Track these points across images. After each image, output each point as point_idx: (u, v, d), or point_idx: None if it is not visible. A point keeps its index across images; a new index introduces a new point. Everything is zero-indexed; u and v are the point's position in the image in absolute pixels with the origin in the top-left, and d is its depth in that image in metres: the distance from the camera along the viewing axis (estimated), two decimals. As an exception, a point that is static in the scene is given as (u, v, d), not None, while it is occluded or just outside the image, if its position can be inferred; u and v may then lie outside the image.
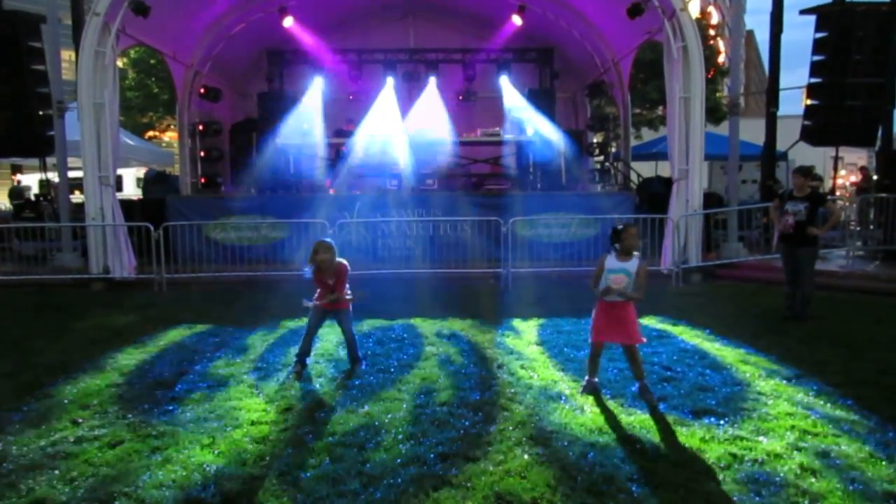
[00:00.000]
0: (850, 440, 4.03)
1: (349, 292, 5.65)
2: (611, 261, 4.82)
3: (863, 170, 17.40)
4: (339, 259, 5.53)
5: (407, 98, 15.43)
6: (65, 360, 5.97)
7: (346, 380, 5.39)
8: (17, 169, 20.34)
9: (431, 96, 14.94)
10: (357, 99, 16.26)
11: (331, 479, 3.57)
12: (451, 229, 11.55)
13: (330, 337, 6.53)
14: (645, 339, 5.10)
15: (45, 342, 6.74)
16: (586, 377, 5.05)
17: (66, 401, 4.88)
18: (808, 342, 6.40)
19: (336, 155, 14.33)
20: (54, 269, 10.98)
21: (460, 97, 16.22)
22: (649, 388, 4.85)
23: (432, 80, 15.17)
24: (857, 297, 8.80)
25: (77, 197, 13.46)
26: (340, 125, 14.83)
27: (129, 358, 6.09)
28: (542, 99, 14.92)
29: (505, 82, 15.12)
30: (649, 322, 7.19)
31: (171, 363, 5.90)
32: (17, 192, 17.51)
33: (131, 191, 19.40)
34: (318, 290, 5.60)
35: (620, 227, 4.88)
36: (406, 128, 14.17)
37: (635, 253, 4.86)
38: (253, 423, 4.41)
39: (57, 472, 3.69)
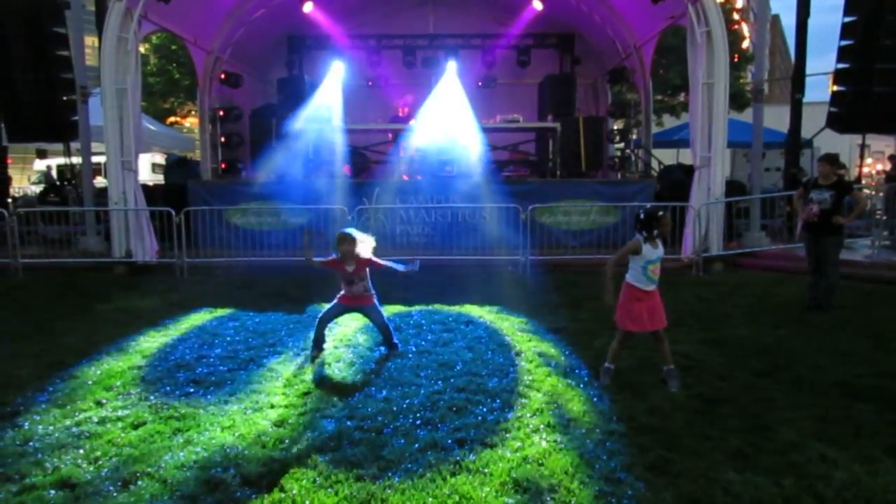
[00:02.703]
0: (872, 432, 3.97)
1: (371, 290, 5.72)
2: (648, 250, 4.72)
3: (891, 158, 16.98)
4: (360, 252, 5.59)
5: (426, 84, 15.31)
6: (88, 342, 6.08)
7: (365, 365, 5.43)
8: (41, 154, 20.62)
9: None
10: (376, 85, 16.25)
11: (349, 462, 3.60)
12: (470, 216, 11.53)
13: (349, 323, 6.57)
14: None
15: (69, 324, 6.87)
16: (605, 364, 5.01)
17: (89, 382, 4.97)
18: (831, 332, 6.31)
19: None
20: (78, 252, 11.15)
21: (479, 83, 16.11)
22: (676, 373, 4.82)
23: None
24: (881, 287, 8.64)
25: (100, 182, 13.64)
26: (357, 111, 14.81)
27: (151, 340, 6.19)
28: (562, 85, 14.78)
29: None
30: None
31: (192, 346, 5.98)
32: (46, 178, 17.84)
33: (146, 176, 19.55)
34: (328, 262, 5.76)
35: (661, 213, 4.76)
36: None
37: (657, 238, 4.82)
38: (272, 407, 4.46)
39: (81, 451, 3.77)
